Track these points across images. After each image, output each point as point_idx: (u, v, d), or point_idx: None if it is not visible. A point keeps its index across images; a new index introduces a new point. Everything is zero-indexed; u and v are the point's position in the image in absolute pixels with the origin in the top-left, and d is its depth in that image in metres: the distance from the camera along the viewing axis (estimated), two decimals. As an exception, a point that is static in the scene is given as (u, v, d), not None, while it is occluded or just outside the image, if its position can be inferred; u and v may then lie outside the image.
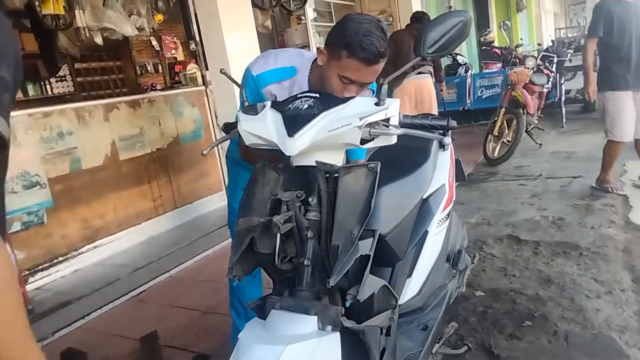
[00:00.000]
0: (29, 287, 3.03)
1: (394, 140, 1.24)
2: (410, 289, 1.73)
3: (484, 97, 7.58)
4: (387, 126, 1.21)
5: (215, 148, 4.71)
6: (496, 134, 5.30)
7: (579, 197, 3.78)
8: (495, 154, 5.30)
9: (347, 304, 1.22)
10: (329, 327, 1.15)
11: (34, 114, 3.32)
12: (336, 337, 1.15)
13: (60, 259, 3.39)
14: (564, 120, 6.69)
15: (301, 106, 1.22)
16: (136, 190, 3.98)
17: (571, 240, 3.01)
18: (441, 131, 1.84)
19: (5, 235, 0.78)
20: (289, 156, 1.24)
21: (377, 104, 1.20)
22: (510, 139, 5.25)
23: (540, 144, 5.65)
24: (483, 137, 5.40)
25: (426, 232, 1.78)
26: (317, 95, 1.25)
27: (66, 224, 3.47)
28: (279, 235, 1.17)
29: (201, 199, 4.48)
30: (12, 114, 3.06)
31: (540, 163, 5.05)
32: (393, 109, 1.21)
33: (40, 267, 3.28)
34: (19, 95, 5.26)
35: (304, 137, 1.16)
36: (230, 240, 2.11)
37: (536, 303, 2.37)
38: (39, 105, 3.70)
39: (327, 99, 1.24)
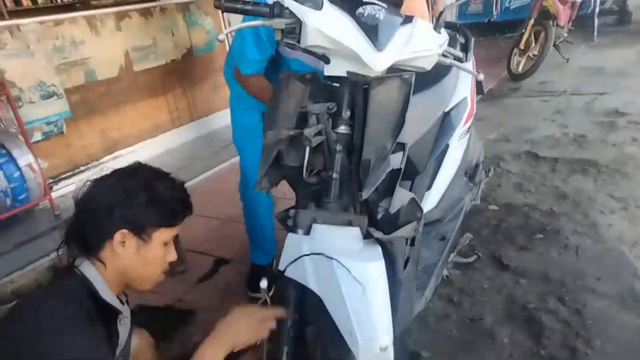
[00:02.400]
0: (54, 195, 3.14)
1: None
2: (429, 202, 1.75)
3: (512, 7, 7.15)
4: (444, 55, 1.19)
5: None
6: (522, 47, 5.05)
7: (604, 114, 3.68)
8: (520, 69, 5.09)
9: (379, 216, 1.22)
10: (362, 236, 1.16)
11: (45, 22, 3.23)
12: (378, 246, 1.16)
13: (82, 168, 3.47)
14: (596, 33, 6.31)
15: (377, 15, 1.09)
16: (152, 102, 3.97)
17: (591, 158, 2.98)
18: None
19: None
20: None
21: (436, 30, 1.17)
22: (536, 53, 5.01)
23: (568, 59, 5.39)
24: (508, 50, 5.17)
25: (447, 146, 1.77)
26: (385, 5, 1.13)
27: (85, 135, 3.51)
28: (308, 148, 1.14)
29: (217, 112, 4.47)
30: (23, 21, 2.97)
31: (566, 79, 4.86)
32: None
33: (63, 176, 3.38)
34: (28, 3, 5.11)
35: (391, 53, 1.07)
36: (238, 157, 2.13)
37: (549, 218, 2.39)
38: (49, 13, 3.59)
39: (392, 12, 1.13)
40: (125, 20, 3.71)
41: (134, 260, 1.10)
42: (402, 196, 1.25)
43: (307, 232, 1.16)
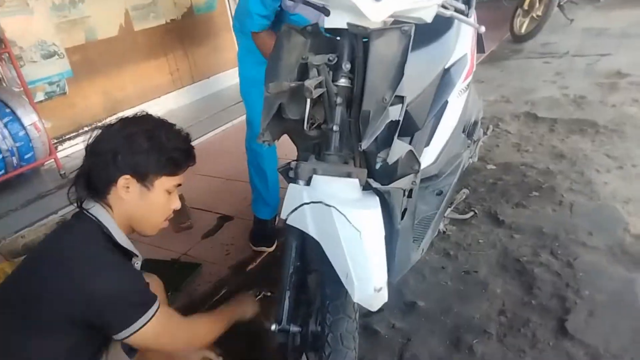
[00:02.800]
0: (59, 155, 3.18)
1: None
2: (427, 157, 1.79)
3: (517, -34, 6.97)
4: (444, 7, 1.18)
5: (229, 19, 4.56)
6: (526, 7, 4.97)
7: (605, 76, 3.67)
8: (523, 30, 5.02)
9: (377, 166, 1.25)
10: (361, 187, 1.21)
11: (42, -21, 3.20)
12: (376, 196, 1.21)
13: (86, 129, 3.50)
14: (602, -6, 6.19)
15: None
16: (153, 63, 3.96)
17: (590, 118, 2.99)
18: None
19: None
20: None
21: None
22: (540, 14, 4.93)
23: (572, 20, 5.31)
24: (511, 11, 5.09)
25: (446, 103, 1.79)
26: None
27: (88, 95, 3.52)
28: (309, 100, 1.16)
29: (217, 74, 4.45)
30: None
31: (569, 40, 4.80)
32: None
33: (67, 137, 3.42)
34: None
35: (389, 3, 1.08)
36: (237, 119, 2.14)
37: (546, 176, 2.44)
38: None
39: None
40: (124, -22, 3.66)
41: (138, 206, 1.16)
42: (400, 147, 1.27)
43: (308, 183, 1.20)
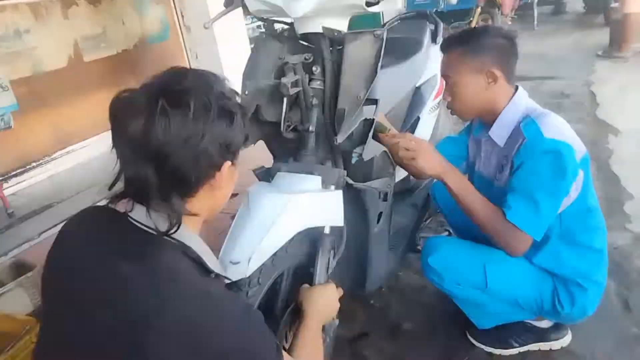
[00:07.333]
0: (4, 192, 2.96)
1: (399, 4, 1.24)
2: (402, 171, 1.81)
3: (457, -2, 7.39)
4: None
5: (183, 48, 4.51)
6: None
7: (550, 96, 3.89)
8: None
9: (353, 161, 1.28)
10: (332, 187, 1.22)
11: (-16, 9, 3.04)
12: (339, 194, 1.22)
13: (34, 164, 3.29)
14: (536, 22, 6.66)
15: None
16: (105, 95, 3.79)
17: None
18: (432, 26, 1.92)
19: None
20: (292, 23, 1.24)
21: None
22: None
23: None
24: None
25: (418, 118, 1.84)
26: None
27: (35, 129, 3.32)
28: (286, 100, 1.20)
29: (173, 104, 4.36)
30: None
31: (512, 64, 5.09)
32: None
33: (13, 173, 3.19)
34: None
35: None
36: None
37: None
38: (-13, 0, 3.37)
39: None
40: (73, 8, 3.54)
41: (229, 188, 0.91)
42: (374, 146, 1.31)
43: None
